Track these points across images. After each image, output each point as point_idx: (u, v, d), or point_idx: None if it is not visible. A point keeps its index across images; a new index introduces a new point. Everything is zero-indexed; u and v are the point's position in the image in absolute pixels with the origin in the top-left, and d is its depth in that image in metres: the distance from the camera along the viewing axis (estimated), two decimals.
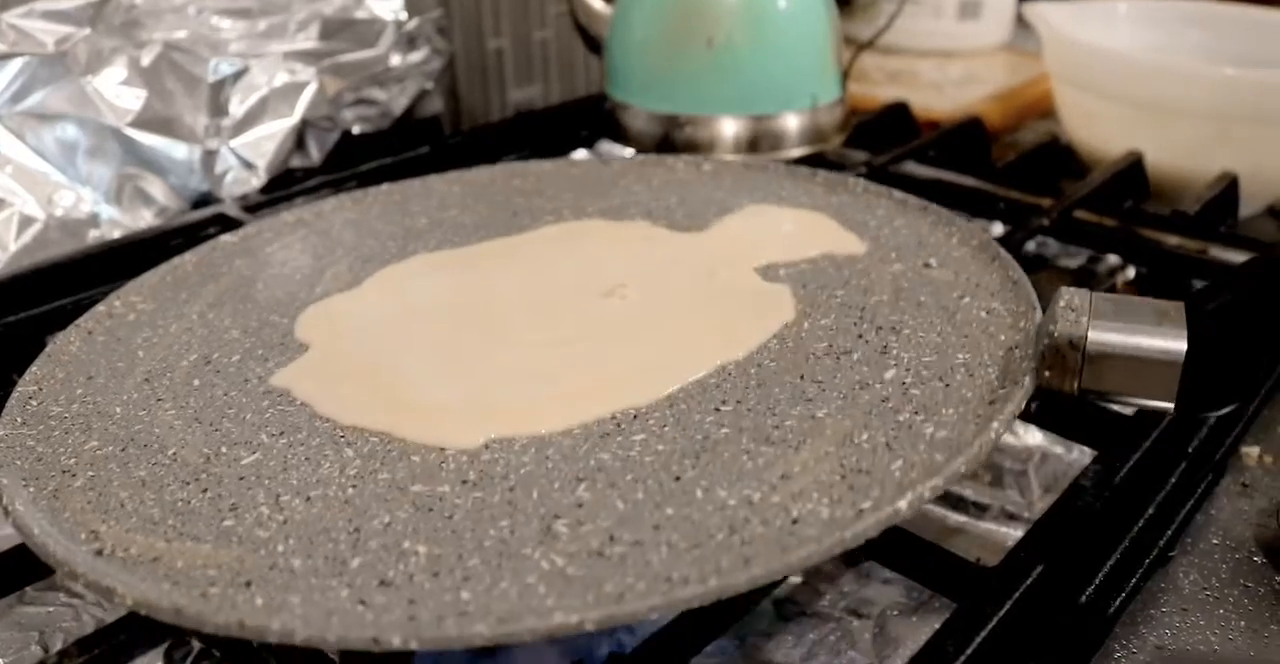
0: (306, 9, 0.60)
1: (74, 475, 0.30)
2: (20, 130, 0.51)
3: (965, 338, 0.34)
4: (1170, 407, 0.30)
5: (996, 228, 0.55)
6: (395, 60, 0.63)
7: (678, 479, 0.28)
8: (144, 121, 0.54)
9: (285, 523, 0.28)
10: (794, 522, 0.26)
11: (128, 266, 0.46)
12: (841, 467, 0.28)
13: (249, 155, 0.58)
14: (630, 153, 0.61)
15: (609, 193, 0.49)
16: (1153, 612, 0.30)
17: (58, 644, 0.33)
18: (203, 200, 0.57)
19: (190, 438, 0.32)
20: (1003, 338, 0.33)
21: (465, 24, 0.72)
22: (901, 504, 0.25)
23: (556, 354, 0.35)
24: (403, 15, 0.63)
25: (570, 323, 0.37)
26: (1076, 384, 0.30)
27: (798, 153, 0.59)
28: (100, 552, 0.27)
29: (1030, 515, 0.38)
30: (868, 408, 0.31)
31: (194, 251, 0.43)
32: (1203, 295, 0.42)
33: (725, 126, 0.58)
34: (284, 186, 0.57)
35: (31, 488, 0.29)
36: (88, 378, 0.35)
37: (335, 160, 0.61)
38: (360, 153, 0.61)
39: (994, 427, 0.28)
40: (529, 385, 0.34)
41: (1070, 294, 0.31)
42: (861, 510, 0.26)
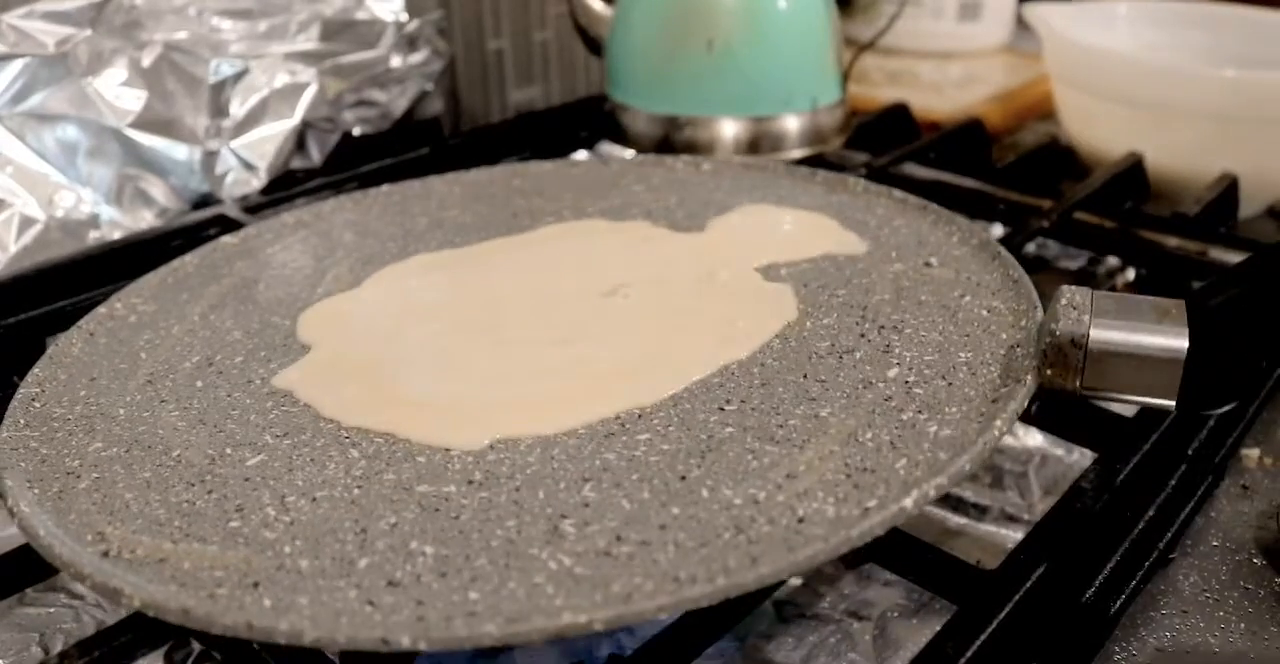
0: (307, 10, 0.60)
1: (79, 477, 0.30)
2: (21, 131, 0.51)
3: (967, 336, 0.34)
4: (1171, 405, 0.30)
5: (997, 229, 0.55)
6: (396, 61, 0.63)
7: (683, 479, 0.28)
8: (144, 122, 0.54)
9: (292, 524, 0.28)
10: (800, 521, 0.26)
11: (128, 268, 0.46)
12: (846, 465, 0.28)
13: (249, 156, 0.58)
14: (630, 154, 0.61)
15: (609, 193, 0.49)
16: (1153, 614, 0.30)
17: (58, 646, 0.33)
18: (203, 201, 0.57)
19: (194, 439, 0.32)
20: (1004, 336, 0.33)
21: (465, 25, 0.72)
22: (907, 502, 0.25)
23: (559, 354, 0.35)
24: (403, 16, 0.63)
25: (572, 323, 0.37)
26: (1078, 382, 0.30)
27: (798, 154, 0.59)
28: (106, 553, 0.27)
29: (1030, 517, 0.38)
30: (871, 406, 0.31)
31: (195, 253, 0.44)
32: (1202, 294, 0.42)
33: (725, 128, 0.58)
34: (284, 188, 0.57)
35: (36, 489, 0.29)
36: (90, 379, 0.35)
37: (336, 161, 0.61)
38: (361, 154, 0.62)
39: (997, 425, 0.28)
40: (533, 385, 0.34)
41: (1072, 292, 0.31)
42: (867, 509, 0.26)
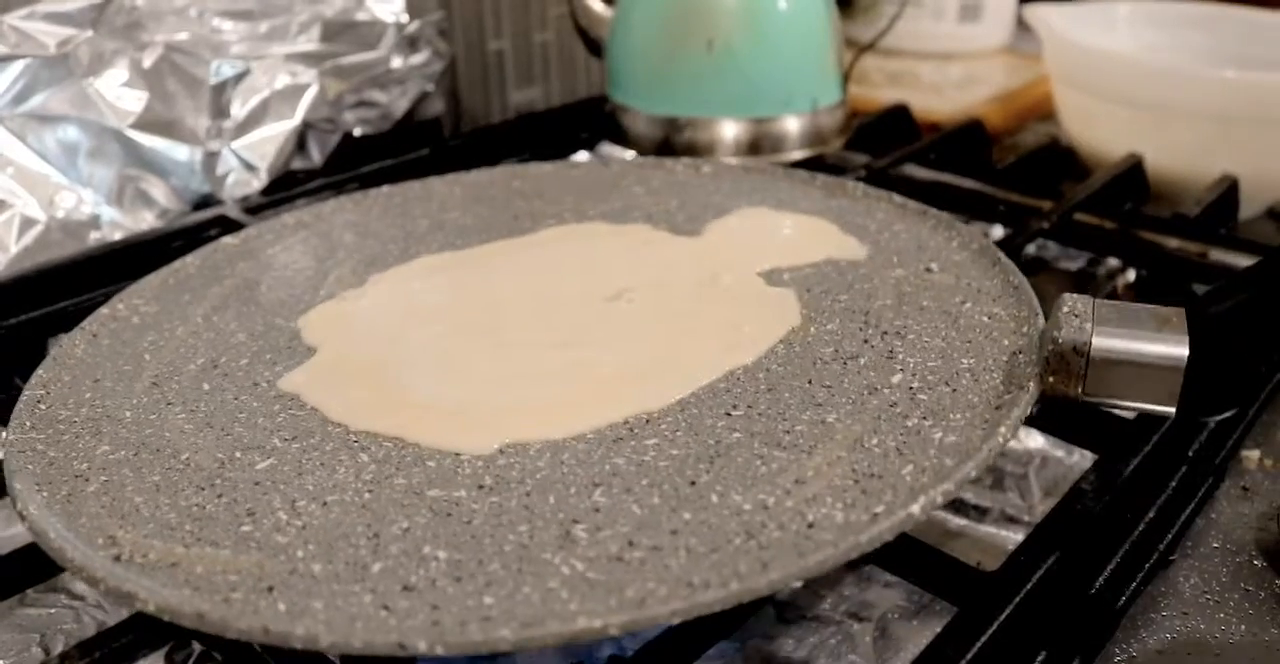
0: (308, 11, 0.60)
1: (87, 480, 0.30)
2: (22, 132, 0.51)
3: (969, 343, 0.34)
4: (1171, 411, 0.30)
5: (997, 230, 0.55)
6: (396, 62, 0.63)
7: (693, 484, 0.28)
8: (145, 123, 0.54)
9: (304, 528, 0.28)
10: (809, 526, 0.26)
11: (129, 268, 0.46)
12: (854, 471, 0.28)
13: (250, 157, 0.58)
14: (631, 155, 0.61)
15: (609, 195, 0.49)
16: (1153, 615, 0.30)
17: (59, 646, 0.33)
18: (204, 202, 0.57)
19: (203, 443, 0.32)
20: (1006, 343, 0.33)
21: (466, 26, 0.72)
22: (915, 508, 0.26)
23: (566, 358, 0.35)
24: (404, 17, 0.63)
25: (577, 327, 0.37)
26: (1080, 389, 0.30)
27: (798, 155, 0.59)
28: (118, 557, 0.26)
29: (1031, 519, 0.38)
30: (876, 413, 0.31)
31: (195, 254, 0.43)
32: (1204, 301, 0.42)
33: (725, 129, 0.58)
34: (285, 188, 0.57)
35: (44, 493, 0.29)
36: (95, 381, 0.35)
37: (336, 162, 0.61)
38: (361, 155, 0.62)
39: (1001, 431, 0.28)
40: (540, 390, 0.34)
41: (1073, 300, 0.31)
42: (875, 514, 0.26)
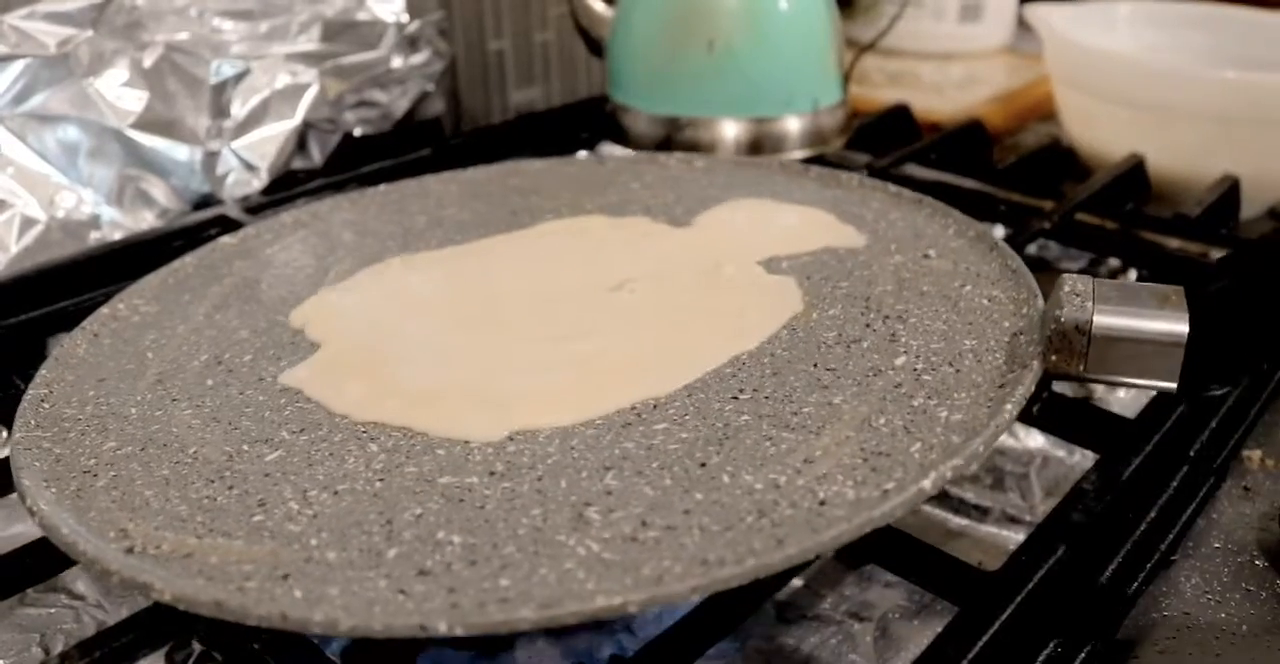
0: (308, 11, 0.60)
1: (95, 475, 0.30)
2: (22, 132, 0.51)
3: (970, 325, 0.34)
4: (1173, 387, 0.31)
5: (998, 230, 0.55)
6: (397, 62, 0.63)
7: (703, 465, 0.28)
8: (145, 123, 0.54)
9: (316, 517, 0.28)
10: (821, 503, 0.26)
11: (129, 268, 0.46)
12: (862, 450, 0.28)
13: (250, 157, 0.58)
14: (631, 155, 0.61)
15: (605, 190, 0.49)
16: (1154, 615, 0.30)
17: (59, 646, 0.33)
18: (204, 202, 0.57)
19: (210, 437, 0.32)
20: (1006, 324, 0.34)
21: (466, 26, 0.72)
22: (925, 484, 0.26)
23: (571, 347, 0.35)
24: (404, 17, 0.63)
25: (581, 317, 0.38)
26: (1082, 367, 0.31)
27: (799, 155, 0.59)
28: (131, 549, 0.27)
29: (1032, 519, 0.38)
30: (882, 393, 0.31)
31: (193, 254, 0.43)
32: (1200, 281, 0.42)
33: (726, 129, 0.58)
34: (285, 188, 0.57)
35: (54, 489, 0.29)
36: (98, 380, 0.35)
37: (336, 162, 0.61)
38: (361, 155, 0.62)
39: (1007, 408, 0.29)
40: (547, 378, 0.34)
41: (1074, 280, 0.32)
42: (886, 491, 0.26)
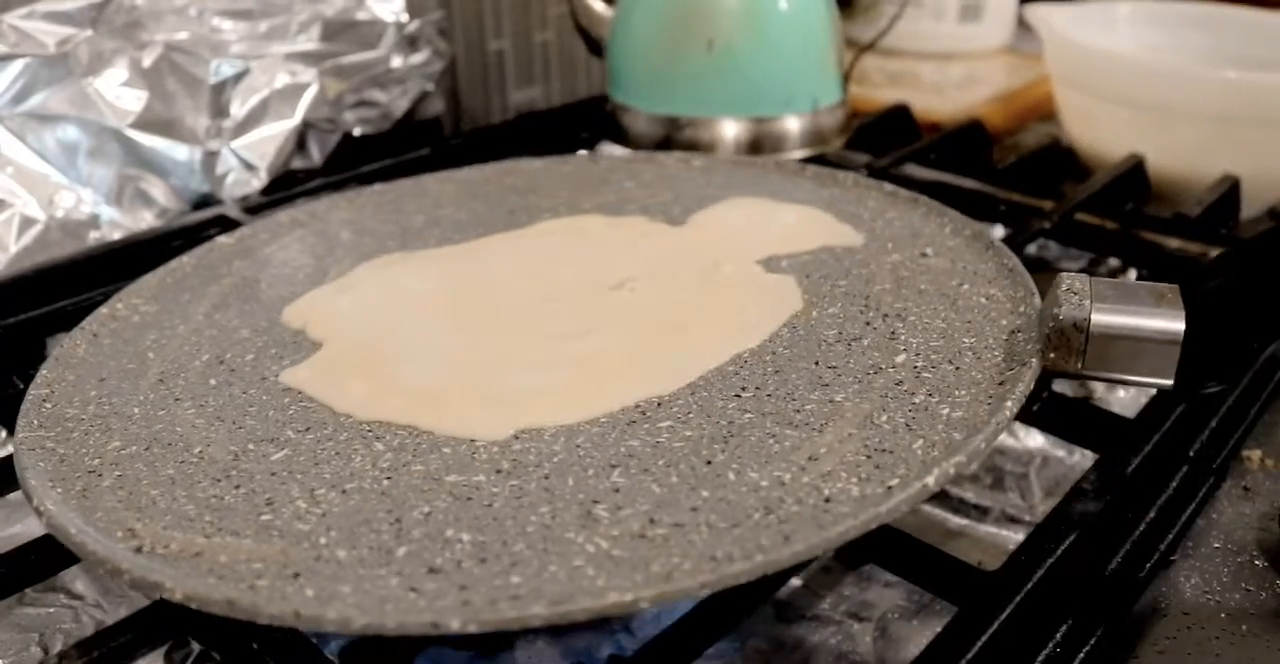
0: (308, 10, 0.60)
1: (100, 475, 0.30)
2: (21, 131, 0.51)
3: (968, 323, 0.34)
4: (1169, 384, 0.31)
5: (998, 230, 0.55)
6: (396, 62, 0.63)
7: (709, 463, 0.29)
8: (145, 123, 0.54)
9: (324, 516, 0.28)
10: (827, 500, 0.26)
11: (128, 268, 0.46)
12: (865, 447, 0.29)
13: (250, 157, 0.58)
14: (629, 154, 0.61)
15: (602, 189, 0.49)
16: (1153, 615, 0.30)
17: (57, 646, 0.33)
18: (203, 202, 0.57)
19: (215, 436, 0.32)
20: (1004, 322, 0.34)
21: (466, 26, 0.72)
22: (929, 480, 0.26)
23: (573, 346, 0.35)
24: (404, 17, 0.63)
25: (582, 316, 0.38)
26: (1080, 364, 0.31)
27: (799, 155, 0.59)
28: (139, 549, 0.27)
29: (1032, 518, 0.38)
30: (883, 391, 0.31)
31: (191, 253, 0.43)
32: (1196, 279, 0.42)
33: (726, 128, 0.58)
34: (285, 188, 0.57)
35: (59, 488, 0.29)
36: (100, 380, 0.35)
37: (336, 162, 0.61)
38: (361, 154, 0.62)
39: (1008, 406, 0.29)
40: (550, 377, 0.34)
41: (1071, 279, 0.32)
42: (890, 487, 0.26)
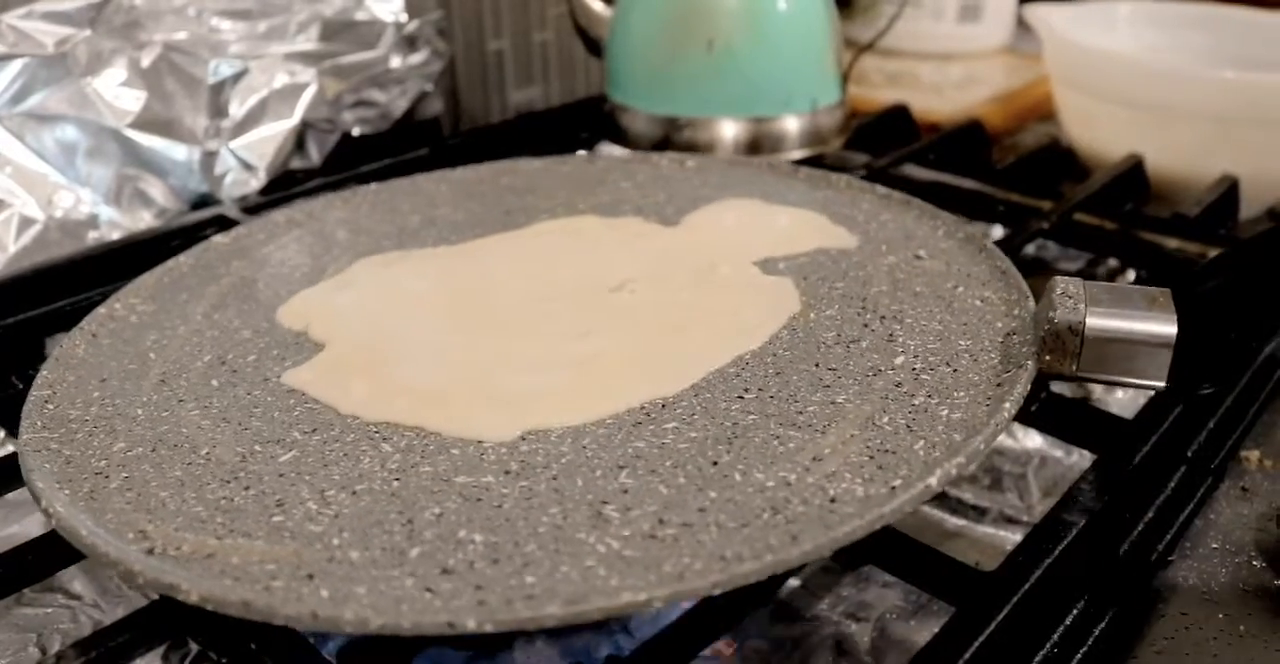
0: (307, 10, 0.60)
1: (107, 477, 0.30)
2: (20, 131, 0.51)
3: (964, 325, 0.35)
4: (1162, 385, 0.31)
5: (997, 230, 0.55)
6: (395, 62, 0.63)
7: (715, 464, 0.29)
8: (144, 123, 0.54)
9: (336, 517, 0.28)
10: (832, 501, 0.27)
11: (127, 268, 0.46)
12: (868, 448, 0.29)
13: (249, 157, 0.58)
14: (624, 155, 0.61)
15: (597, 190, 0.49)
16: (1151, 616, 0.30)
17: (55, 646, 0.33)
18: (202, 202, 0.57)
19: (221, 437, 0.32)
20: (999, 325, 0.34)
21: (465, 26, 0.72)
22: (932, 481, 0.26)
23: (576, 347, 0.36)
24: (403, 17, 0.63)
25: (583, 317, 0.38)
26: (1075, 367, 0.31)
27: (797, 155, 0.59)
28: (151, 550, 0.26)
29: (1030, 519, 0.38)
30: (883, 393, 0.32)
31: (188, 253, 0.43)
32: (1187, 282, 0.43)
33: (725, 129, 0.58)
34: (284, 188, 0.57)
35: (67, 490, 0.29)
36: (101, 381, 0.35)
37: (335, 162, 0.61)
38: (360, 154, 0.61)
39: (1006, 407, 0.29)
40: (554, 378, 0.34)
41: (1065, 283, 0.32)
42: (894, 488, 0.27)
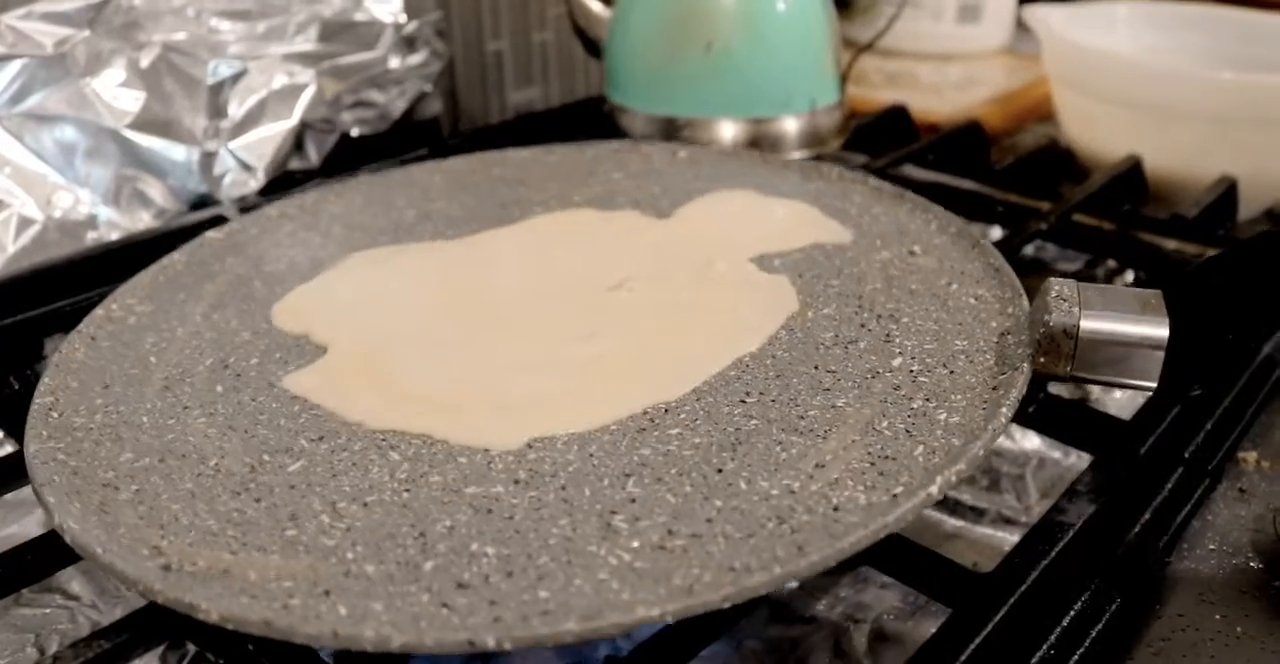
0: (305, 11, 0.60)
1: (117, 489, 0.29)
2: (19, 132, 0.51)
3: (960, 325, 0.35)
4: (1153, 386, 0.31)
5: (995, 231, 0.55)
6: (394, 62, 0.63)
7: (720, 471, 0.29)
8: (143, 123, 0.54)
9: (348, 530, 0.27)
10: (835, 509, 0.27)
11: (126, 269, 0.45)
12: (869, 454, 0.29)
13: (247, 157, 0.58)
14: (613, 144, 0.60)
15: (590, 181, 0.49)
16: (1148, 617, 0.30)
17: (53, 646, 0.33)
18: (201, 202, 0.57)
19: (228, 447, 0.31)
20: (994, 324, 0.34)
21: (464, 26, 0.72)
22: (933, 489, 0.27)
23: (578, 350, 0.35)
24: (402, 18, 0.63)
25: (584, 317, 0.38)
26: (1069, 368, 0.31)
27: (797, 156, 0.59)
28: (167, 567, 0.26)
29: (1028, 520, 0.38)
30: (883, 396, 0.31)
31: (181, 250, 0.43)
32: (1178, 284, 0.42)
33: (724, 129, 0.58)
34: (283, 188, 0.57)
35: (77, 504, 0.28)
36: (104, 386, 0.34)
37: (334, 162, 0.61)
38: (359, 155, 0.61)
39: (1003, 412, 0.29)
40: (559, 382, 0.34)
41: (1060, 285, 0.32)
42: (895, 495, 0.27)
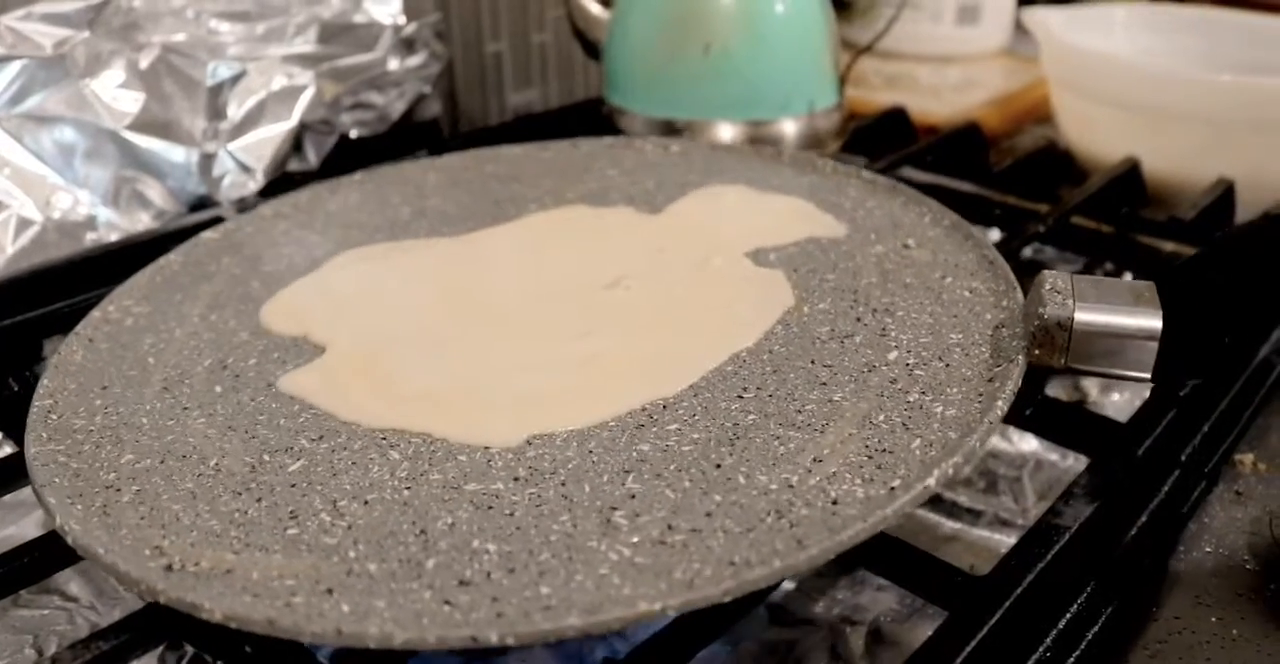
0: (305, 13, 0.60)
1: (119, 490, 0.30)
2: (18, 133, 0.51)
3: (955, 318, 0.35)
4: (1148, 377, 0.32)
5: (994, 234, 0.55)
6: (393, 64, 0.63)
7: (718, 466, 0.29)
8: (142, 124, 0.54)
9: (350, 528, 0.28)
10: (834, 503, 0.27)
11: (125, 270, 0.45)
12: (866, 447, 0.29)
13: (246, 158, 0.58)
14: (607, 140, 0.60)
15: (584, 177, 0.49)
16: (1144, 619, 0.30)
17: (52, 647, 0.33)
18: (200, 203, 0.57)
19: (229, 447, 0.31)
20: (989, 317, 0.34)
21: (463, 28, 0.72)
22: (930, 481, 0.27)
23: (575, 347, 0.36)
24: (401, 19, 0.63)
25: (581, 315, 0.38)
26: (1064, 360, 0.32)
27: None
28: (170, 567, 0.26)
29: (1025, 522, 0.38)
30: (879, 390, 0.32)
31: (177, 251, 0.43)
32: (1170, 277, 0.43)
33: (723, 131, 0.58)
34: (282, 190, 0.57)
35: (79, 505, 0.29)
36: (103, 388, 0.35)
37: (333, 164, 0.61)
38: (358, 156, 0.61)
39: (998, 404, 0.29)
40: (556, 379, 0.34)
41: (1054, 278, 0.32)
42: (893, 488, 0.27)
